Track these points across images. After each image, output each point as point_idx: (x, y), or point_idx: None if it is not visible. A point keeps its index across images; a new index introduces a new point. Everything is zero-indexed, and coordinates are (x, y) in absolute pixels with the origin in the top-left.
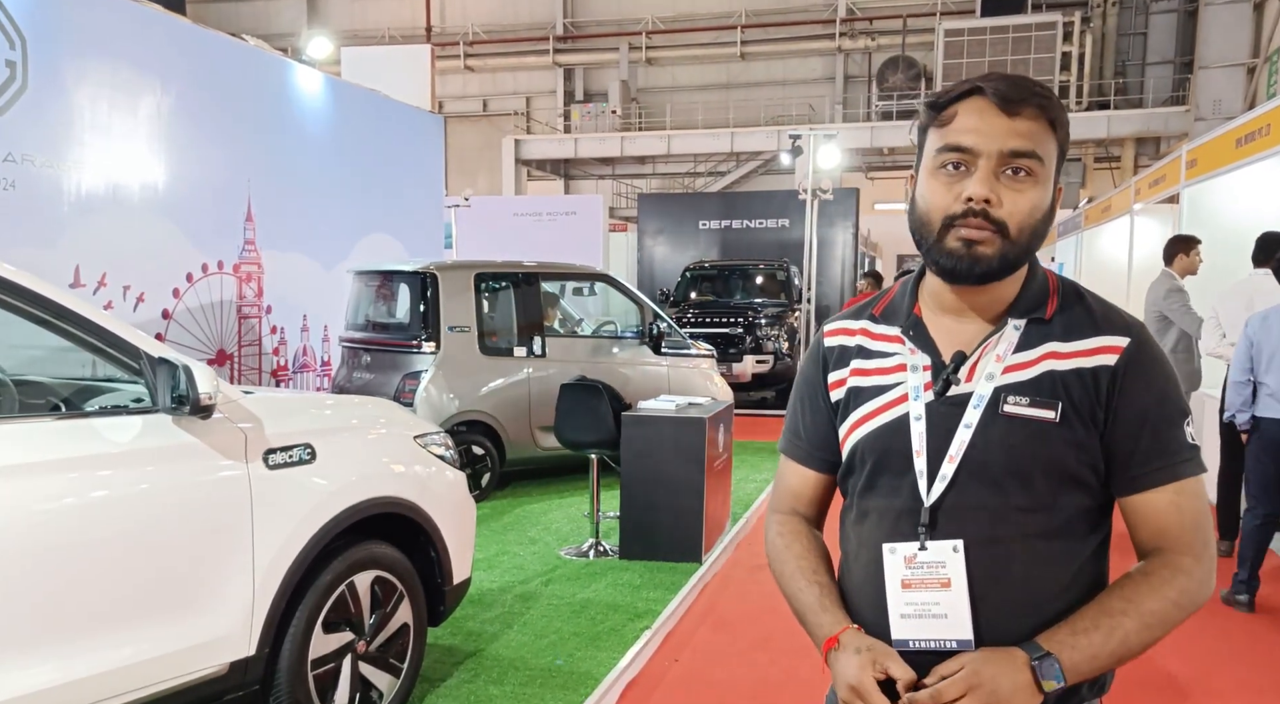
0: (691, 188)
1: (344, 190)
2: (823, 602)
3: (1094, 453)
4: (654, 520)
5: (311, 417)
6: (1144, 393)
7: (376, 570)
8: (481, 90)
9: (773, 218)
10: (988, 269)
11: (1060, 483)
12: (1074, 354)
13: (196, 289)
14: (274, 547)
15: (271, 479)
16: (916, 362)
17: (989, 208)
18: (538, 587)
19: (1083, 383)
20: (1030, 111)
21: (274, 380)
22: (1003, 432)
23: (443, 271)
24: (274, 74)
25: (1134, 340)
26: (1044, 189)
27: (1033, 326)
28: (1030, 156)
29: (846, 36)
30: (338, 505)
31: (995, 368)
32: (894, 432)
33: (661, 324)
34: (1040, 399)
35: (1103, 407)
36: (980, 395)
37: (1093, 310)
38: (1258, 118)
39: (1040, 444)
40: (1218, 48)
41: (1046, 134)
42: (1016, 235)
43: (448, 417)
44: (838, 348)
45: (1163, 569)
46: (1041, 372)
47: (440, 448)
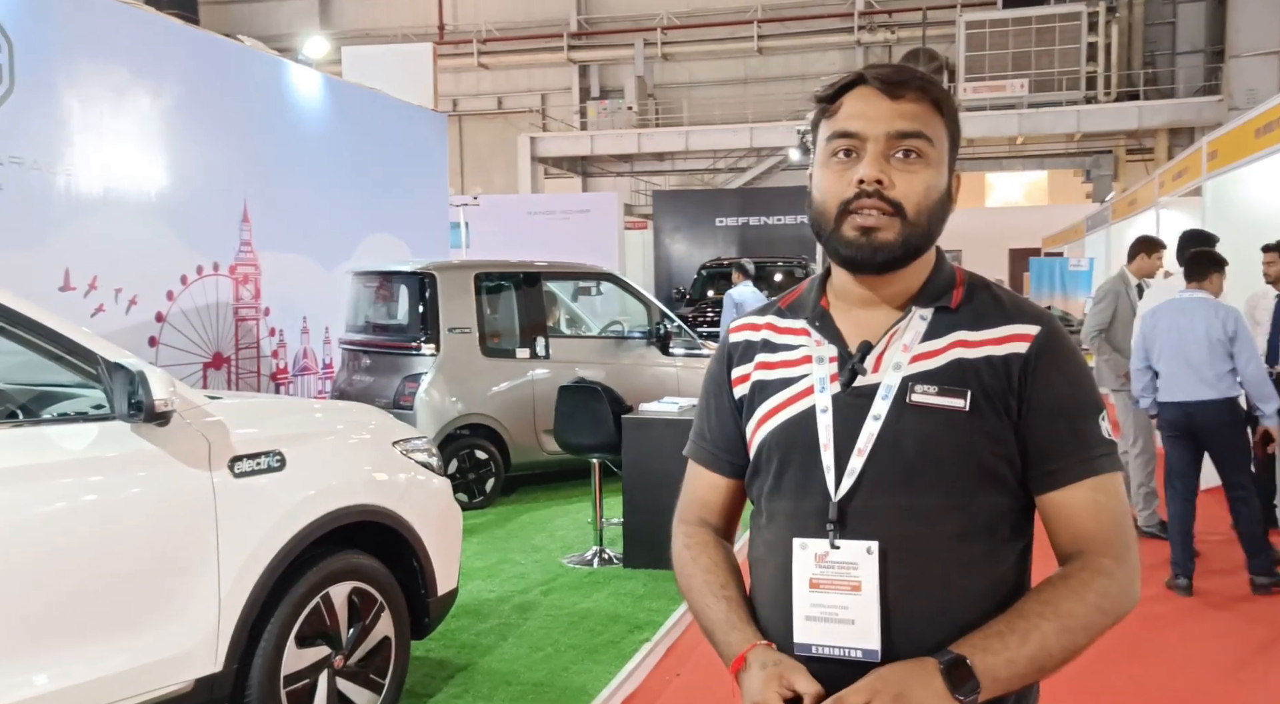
0: (711, 184)
1: (345, 190)
2: (730, 618)
3: (1009, 445)
4: (658, 527)
5: (282, 423)
6: (1058, 382)
7: (354, 581)
8: (496, 88)
9: (790, 214)
10: (890, 255)
11: (975, 478)
12: (984, 342)
13: (191, 291)
14: (241, 557)
15: (237, 487)
16: (823, 353)
17: (882, 189)
18: (537, 596)
19: (994, 371)
20: (914, 94)
21: (273, 383)
22: (912, 422)
23: (442, 272)
24: (270, 74)
25: (1045, 329)
26: (937, 170)
27: (940, 315)
28: (917, 137)
29: (866, 29)
30: (310, 514)
31: (903, 357)
32: (800, 425)
33: (670, 324)
34: (950, 387)
35: (1015, 395)
36: (888, 385)
37: (1001, 300)
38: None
39: (951, 434)
40: (1249, 35)
41: (933, 116)
42: (914, 216)
43: (449, 420)
44: (742, 343)
45: (1082, 571)
46: (950, 360)
47: (423, 454)
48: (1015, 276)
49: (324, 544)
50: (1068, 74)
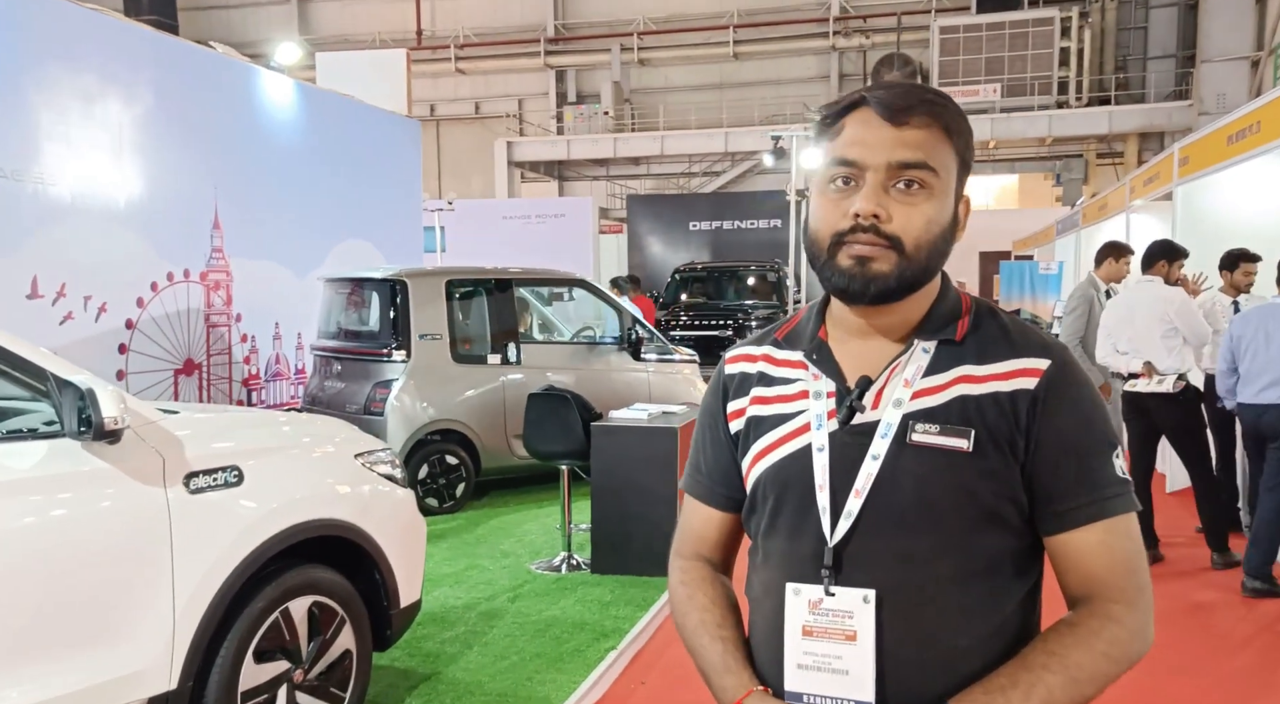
0: (686, 188)
1: (317, 196)
2: (726, 661)
3: (1013, 485)
4: (626, 533)
5: (241, 438)
6: (1068, 419)
7: (314, 595)
8: (473, 93)
9: (764, 218)
10: (884, 288)
11: (976, 520)
12: (989, 377)
13: (162, 298)
14: (196, 574)
15: (193, 504)
16: (820, 388)
17: (879, 223)
18: (504, 603)
19: (999, 408)
20: (920, 119)
21: (246, 390)
22: (912, 463)
23: (413, 278)
24: (242, 81)
25: (1055, 362)
26: (940, 201)
27: (944, 349)
28: (920, 167)
29: (840, 35)
30: (268, 529)
31: (904, 394)
32: (795, 464)
33: (641, 330)
34: (951, 426)
35: (1022, 433)
36: (888, 423)
37: (1008, 331)
38: (1248, 115)
39: (952, 475)
40: (1220, 41)
41: (940, 143)
42: (913, 252)
43: (420, 426)
44: (738, 376)
45: (1091, 619)
46: (953, 396)
47: (386, 466)
48: (985, 279)
49: (284, 559)
50: (1040, 79)
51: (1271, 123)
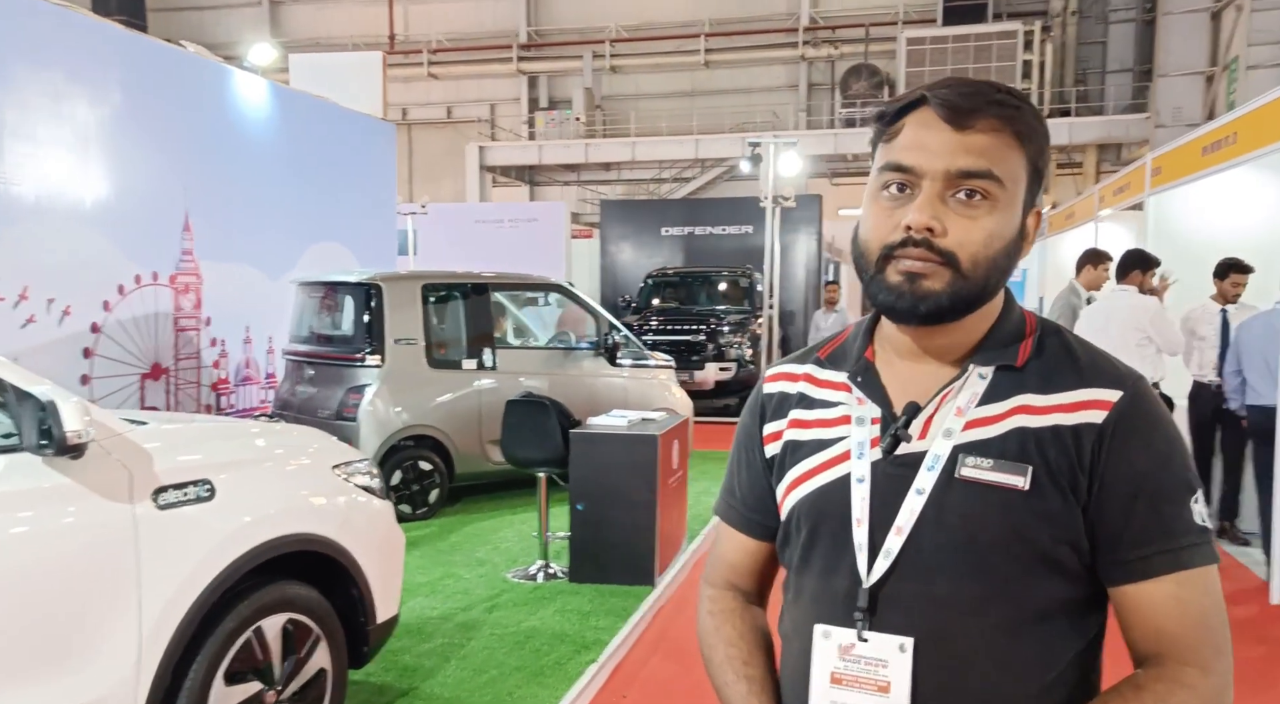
0: (657, 194)
1: (290, 199)
2: (749, 702)
3: (1074, 529)
4: (605, 542)
5: (213, 449)
6: (1139, 457)
7: (289, 613)
8: (445, 97)
9: (736, 224)
10: (935, 307)
11: (1031, 566)
12: (1052, 409)
13: (129, 301)
14: (165, 594)
15: (162, 520)
16: (863, 413)
17: (932, 237)
18: (481, 614)
19: (1061, 443)
20: (987, 123)
21: (215, 394)
22: (960, 500)
23: (388, 282)
24: (215, 81)
25: (1128, 394)
26: (1005, 215)
27: (1003, 375)
28: (984, 177)
29: (810, 44)
30: (242, 545)
31: (955, 423)
32: (832, 495)
33: (618, 335)
34: (1007, 462)
35: (1086, 472)
36: (936, 455)
37: (1077, 358)
38: (1224, 126)
39: (1005, 517)
40: (1176, 56)
41: (1010, 149)
42: (969, 269)
43: (394, 431)
44: (777, 396)
45: (1159, 682)
46: (1010, 429)
47: (364, 477)
48: None
49: (258, 575)
50: None
51: (1248, 134)
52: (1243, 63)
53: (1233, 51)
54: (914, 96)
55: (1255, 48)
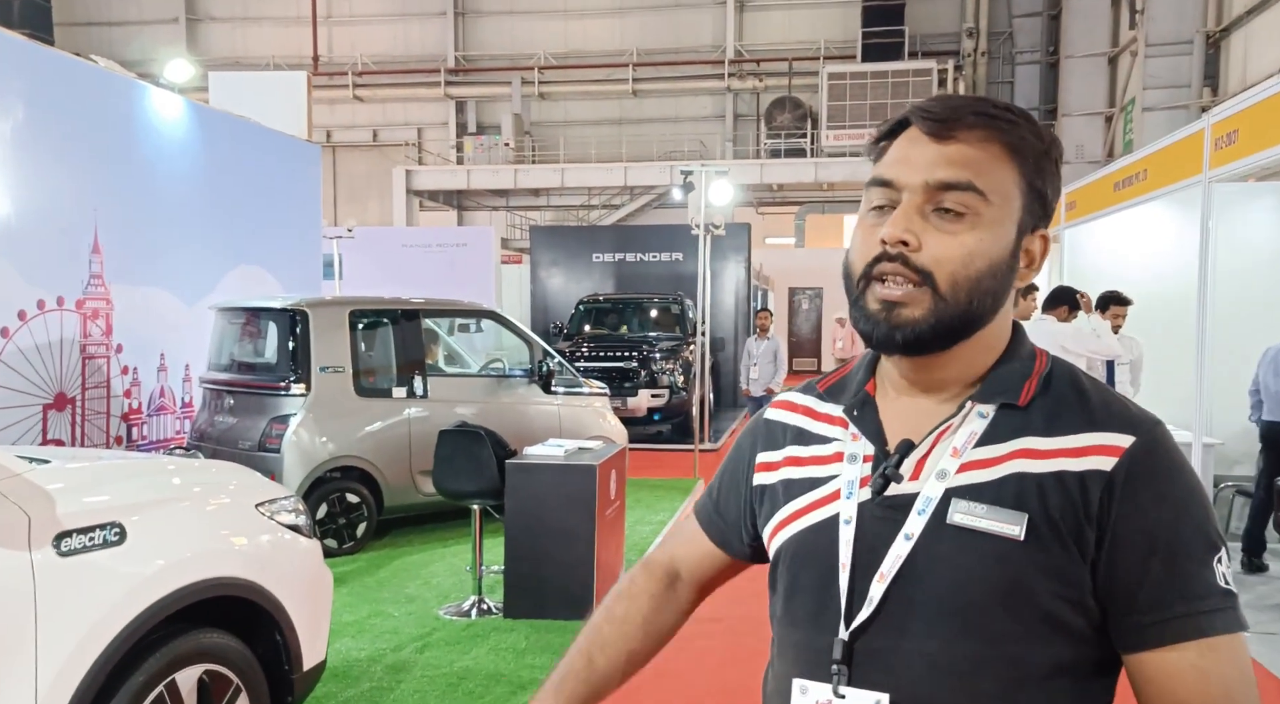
0: (586, 221)
1: (209, 221)
2: (555, 678)
3: (1079, 585)
4: (541, 576)
5: (123, 489)
6: (1154, 509)
7: (206, 664)
8: (371, 120)
9: (667, 251)
10: (914, 336)
11: (1029, 624)
12: (1056, 453)
13: (31, 328)
14: (65, 649)
15: (63, 568)
16: (856, 450)
17: (906, 251)
18: (411, 654)
19: (1064, 491)
20: (971, 134)
21: (125, 425)
22: (951, 548)
23: (314, 308)
24: (127, 98)
25: (1142, 439)
26: (990, 232)
27: (1005, 415)
28: (964, 189)
29: (735, 77)
30: (154, 593)
31: (950, 464)
32: (818, 537)
33: (552, 362)
34: (1002, 509)
35: (1093, 524)
36: (927, 498)
37: (1088, 399)
38: (1135, 163)
39: (999, 568)
40: (1078, 97)
41: (998, 162)
42: (948, 291)
43: (320, 462)
44: (778, 425)
45: None
46: (1009, 473)
47: (290, 515)
48: None
49: (172, 624)
50: None
51: (1157, 171)
52: (1139, 104)
53: (1129, 94)
54: (900, 116)
55: (1150, 91)
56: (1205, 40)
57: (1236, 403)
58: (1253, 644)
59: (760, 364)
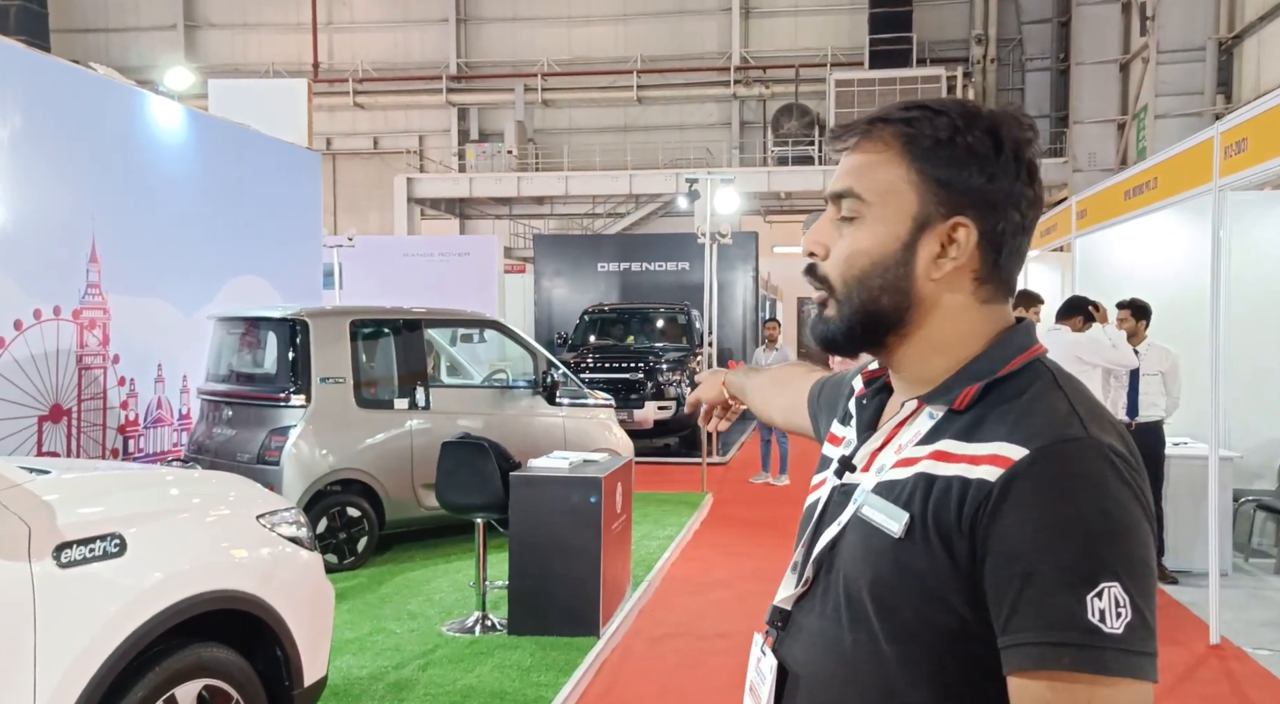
0: (590, 229)
1: (208, 229)
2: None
3: (946, 590)
4: (546, 592)
5: (123, 500)
6: (1024, 531)
7: (205, 679)
8: (372, 128)
9: (673, 260)
10: (823, 335)
11: (900, 621)
12: (961, 458)
13: (27, 337)
14: (65, 661)
15: (63, 580)
16: (850, 435)
17: (815, 261)
18: (414, 672)
19: (948, 496)
20: (862, 142)
21: (122, 437)
22: (854, 538)
23: (315, 318)
24: (125, 105)
25: (1035, 454)
26: (869, 230)
27: (949, 418)
28: (844, 196)
29: (741, 84)
30: (154, 606)
31: (890, 460)
32: (808, 512)
33: (556, 373)
34: (893, 506)
35: (965, 536)
36: (863, 489)
37: (1015, 408)
38: (1145, 171)
39: (874, 563)
40: (1089, 104)
41: (883, 162)
42: (840, 291)
43: (320, 475)
44: (842, 403)
45: None
46: (917, 473)
47: (291, 527)
48: None
49: (172, 637)
50: None
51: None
52: (1151, 112)
53: (1141, 101)
54: None
55: (1162, 98)
56: (1218, 47)
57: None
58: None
59: None
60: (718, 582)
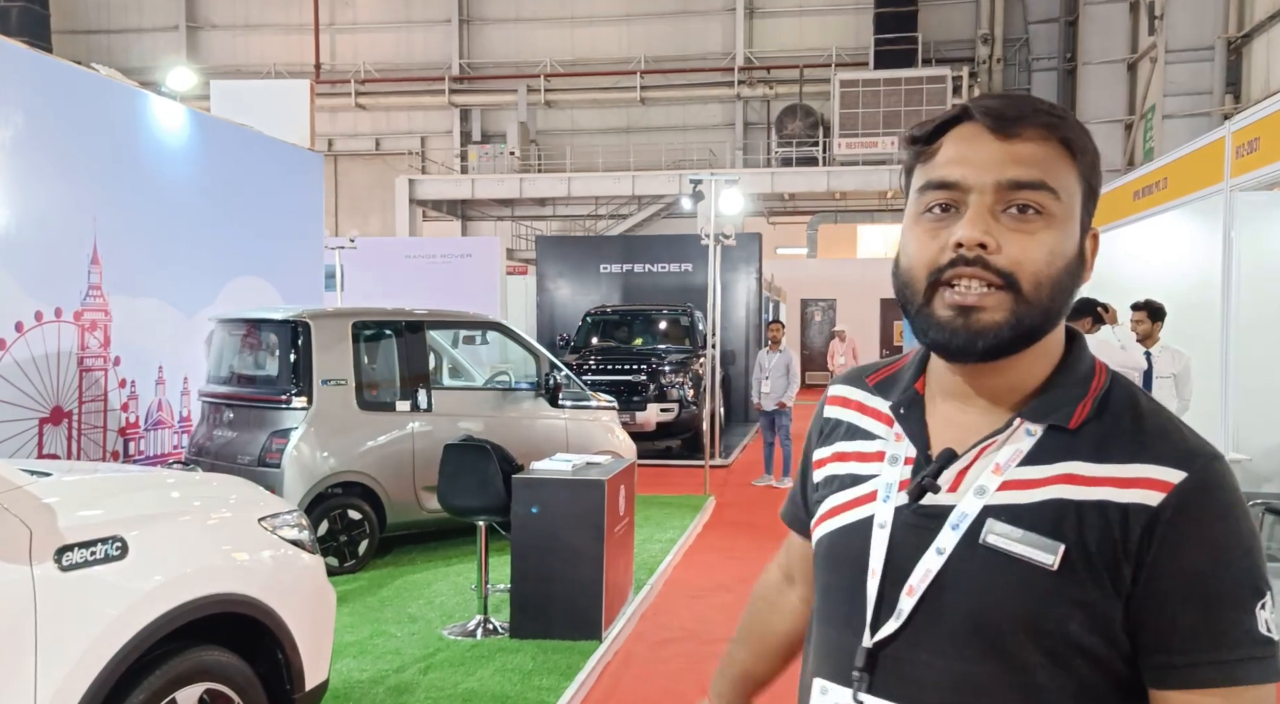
0: (593, 231)
1: (209, 230)
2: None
3: (1109, 619)
4: (549, 595)
5: (125, 502)
6: (1197, 552)
7: (207, 683)
8: (374, 129)
9: (675, 262)
10: (995, 342)
11: (1056, 654)
12: (1102, 481)
13: (28, 339)
14: (65, 666)
15: (64, 583)
16: (899, 451)
17: (985, 254)
18: (415, 676)
19: (1105, 522)
20: (1034, 132)
21: (122, 439)
22: (982, 568)
23: (316, 320)
24: (127, 106)
25: (1195, 476)
26: (1063, 231)
27: (1053, 435)
28: (1037, 187)
29: (745, 84)
30: (156, 609)
31: (991, 481)
32: (852, 538)
33: (559, 374)
34: (1037, 536)
35: (1131, 561)
36: (964, 513)
37: (1143, 425)
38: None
39: (1028, 596)
40: (1096, 104)
41: (1061, 161)
42: (1032, 292)
43: (321, 478)
44: (831, 421)
45: None
46: (1050, 498)
47: (292, 529)
48: (886, 326)
49: (173, 640)
50: None
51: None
52: (1159, 112)
53: (1149, 101)
54: (954, 112)
55: (1170, 98)
56: (1227, 46)
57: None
58: None
59: (772, 378)
60: (720, 585)
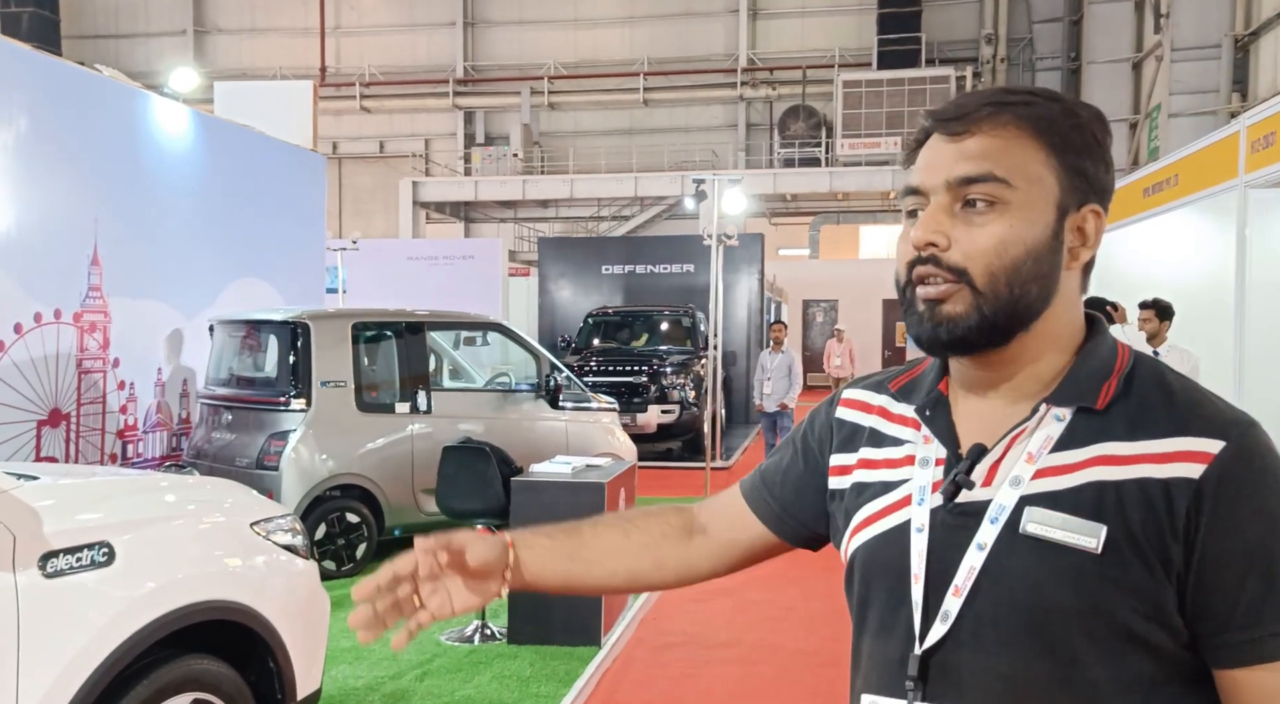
0: (595, 232)
1: (211, 232)
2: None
3: (1161, 604)
4: (547, 600)
5: (114, 507)
6: (1249, 523)
7: (195, 692)
8: (378, 131)
9: (677, 263)
10: (959, 334)
11: (1109, 643)
12: (1138, 458)
13: (27, 341)
14: (49, 676)
15: (49, 590)
16: (929, 453)
17: (937, 252)
18: (411, 682)
19: (1147, 500)
20: (988, 124)
21: (121, 442)
22: (1025, 560)
23: (316, 321)
24: (129, 107)
25: (1234, 444)
26: (1019, 216)
27: (1083, 418)
28: (984, 180)
29: (748, 85)
30: (143, 617)
31: (1024, 470)
32: (890, 545)
33: (559, 376)
34: (1079, 519)
35: (1180, 540)
36: (1000, 505)
37: (1173, 399)
38: (1165, 168)
39: (1075, 583)
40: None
41: (1020, 145)
42: (986, 284)
43: (319, 480)
44: (850, 426)
45: None
46: (1087, 481)
47: (286, 534)
48: (889, 327)
49: (162, 649)
50: None
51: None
52: (1164, 111)
53: (1154, 100)
54: (922, 127)
55: (1176, 96)
56: (1234, 44)
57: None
58: None
59: (774, 379)
60: (720, 590)
